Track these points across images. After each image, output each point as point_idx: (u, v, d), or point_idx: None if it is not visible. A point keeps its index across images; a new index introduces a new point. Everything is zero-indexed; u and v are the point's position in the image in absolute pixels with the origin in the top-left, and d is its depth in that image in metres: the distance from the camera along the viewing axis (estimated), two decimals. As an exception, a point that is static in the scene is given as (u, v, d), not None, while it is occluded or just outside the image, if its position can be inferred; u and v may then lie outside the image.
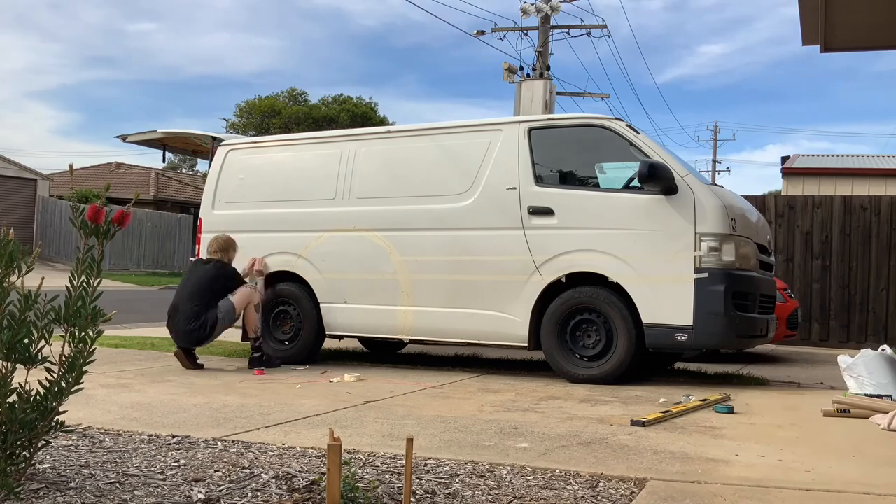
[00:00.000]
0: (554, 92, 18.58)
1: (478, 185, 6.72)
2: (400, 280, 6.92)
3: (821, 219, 11.59)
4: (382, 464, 3.40)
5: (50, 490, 2.83)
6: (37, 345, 2.68)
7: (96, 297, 2.75)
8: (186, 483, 3.00)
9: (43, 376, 2.70)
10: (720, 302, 5.90)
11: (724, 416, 4.92)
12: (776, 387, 6.52)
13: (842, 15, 5.89)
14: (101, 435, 3.85)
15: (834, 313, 11.46)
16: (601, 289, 6.23)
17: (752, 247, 6.37)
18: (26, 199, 29.67)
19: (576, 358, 6.32)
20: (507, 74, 20.01)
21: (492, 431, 4.18)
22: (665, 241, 6.06)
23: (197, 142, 11.47)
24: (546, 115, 8.84)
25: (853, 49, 7.18)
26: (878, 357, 5.55)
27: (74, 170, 3.37)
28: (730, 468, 3.50)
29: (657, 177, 6.01)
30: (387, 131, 7.62)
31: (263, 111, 40.54)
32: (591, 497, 2.98)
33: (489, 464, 3.44)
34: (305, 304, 7.29)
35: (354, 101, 42.60)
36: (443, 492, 2.99)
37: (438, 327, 6.80)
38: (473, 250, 6.67)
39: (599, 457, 3.65)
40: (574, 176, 6.80)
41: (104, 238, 2.78)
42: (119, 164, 43.00)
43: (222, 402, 4.98)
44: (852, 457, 3.84)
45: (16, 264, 2.63)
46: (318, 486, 2.96)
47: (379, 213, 7.07)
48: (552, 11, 21.69)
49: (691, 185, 6.12)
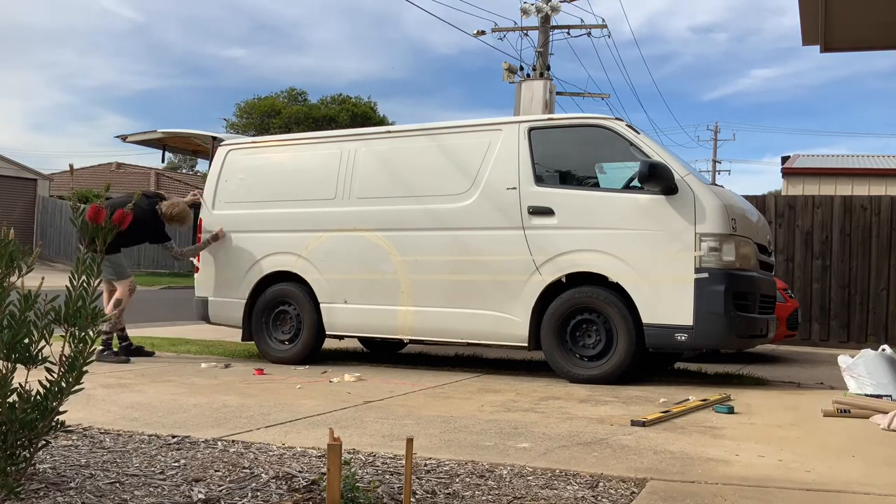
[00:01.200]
0: (554, 92, 18.56)
1: (478, 185, 6.72)
2: (400, 280, 6.92)
3: (821, 219, 11.59)
4: (382, 464, 3.40)
5: (50, 490, 2.83)
6: (37, 345, 2.68)
7: (96, 298, 2.75)
8: (186, 483, 3.00)
9: (43, 376, 2.70)
10: (720, 302, 5.90)
11: (724, 416, 4.92)
12: (776, 387, 6.52)
13: (842, 15, 5.88)
14: (101, 435, 3.85)
15: (834, 313, 11.46)
16: (601, 289, 6.23)
17: (753, 247, 6.37)
18: (26, 199, 29.67)
19: (576, 358, 6.32)
20: (507, 74, 20.01)
21: (492, 431, 4.18)
22: (665, 241, 6.06)
23: (197, 142, 11.49)
24: (546, 115, 8.85)
25: (853, 49, 7.17)
26: (878, 357, 5.55)
27: (75, 170, 3.37)
28: (730, 468, 3.50)
29: (657, 177, 6.01)
30: (387, 131, 7.62)
31: (263, 111, 40.51)
32: (591, 497, 2.98)
33: (489, 464, 3.44)
34: (305, 304, 7.29)
35: (354, 101, 42.58)
36: (443, 492, 2.99)
37: (438, 327, 6.80)
38: (473, 250, 6.67)
39: (599, 457, 3.65)
40: (574, 176, 6.80)
41: (104, 238, 2.78)
42: (119, 164, 43.00)
43: (222, 402, 4.98)
44: (852, 457, 3.84)
45: (16, 264, 2.63)
46: (319, 486, 2.96)
47: (379, 213, 7.07)
48: (552, 11, 21.70)
49: (691, 185, 6.12)
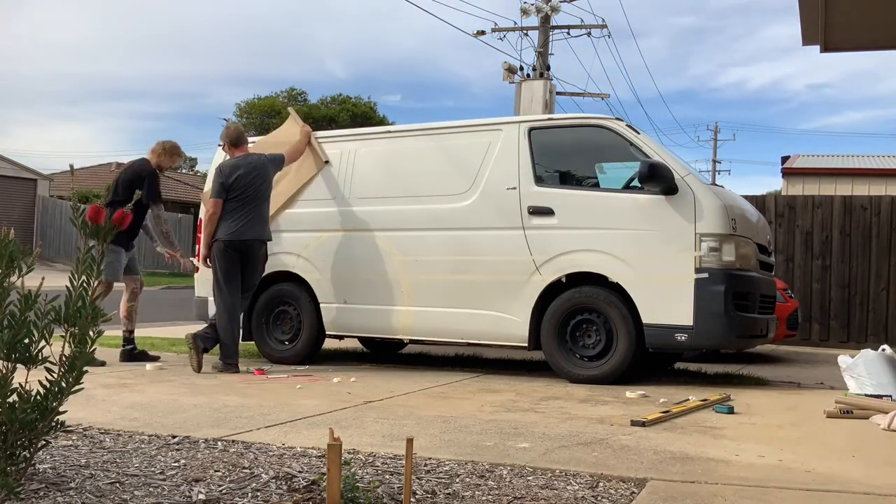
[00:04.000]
0: (554, 92, 18.59)
1: (478, 185, 6.72)
2: (400, 280, 6.92)
3: (821, 219, 11.59)
4: (382, 464, 3.40)
5: (50, 490, 2.83)
6: (37, 345, 2.67)
7: (96, 298, 2.75)
8: (186, 483, 3.00)
9: (43, 376, 2.70)
10: (720, 302, 5.90)
11: (724, 416, 4.92)
12: (776, 387, 6.52)
13: (842, 15, 5.88)
14: (101, 435, 3.85)
15: (834, 313, 11.46)
16: (601, 289, 6.23)
17: (752, 247, 6.37)
18: (26, 199, 29.67)
19: (576, 358, 6.32)
20: (507, 74, 20.02)
21: (492, 431, 4.18)
22: (665, 242, 6.06)
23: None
24: (546, 115, 8.86)
25: (853, 49, 7.16)
26: (878, 357, 5.56)
27: (75, 170, 3.38)
28: (730, 468, 3.50)
29: (657, 177, 6.01)
30: (387, 131, 7.62)
31: (263, 111, 40.51)
32: (591, 497, 2.98)
33: (489, 464, 3.44)
34: (305, 304, 7.29)
35: (354, 101, 42.58)
36: (443, 492, 2.99)
37: (438, 327, 6.80)
38: (473, 250, 6.67)
39: (599, 457, 3.65)
40: (574, 176, 6.80)
41: (104, 238, 2.78)
42: (119, 165, 42.97)
43: (222, 402, 4.98)
44: (852, 457, 3.84)
45: (16, 264, 2.62)
46: (319, 486, 2.95)
47: (379, 213, 7.07)
48: (552, 11, 21.71)
49: (691, 185, 6.11)
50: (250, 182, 6.72)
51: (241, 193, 6.69)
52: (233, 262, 6.73)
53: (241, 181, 6.69)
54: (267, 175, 6.88)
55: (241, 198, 6.69)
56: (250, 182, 6.72)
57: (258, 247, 6.83)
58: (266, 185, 6.85)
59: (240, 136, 7.03)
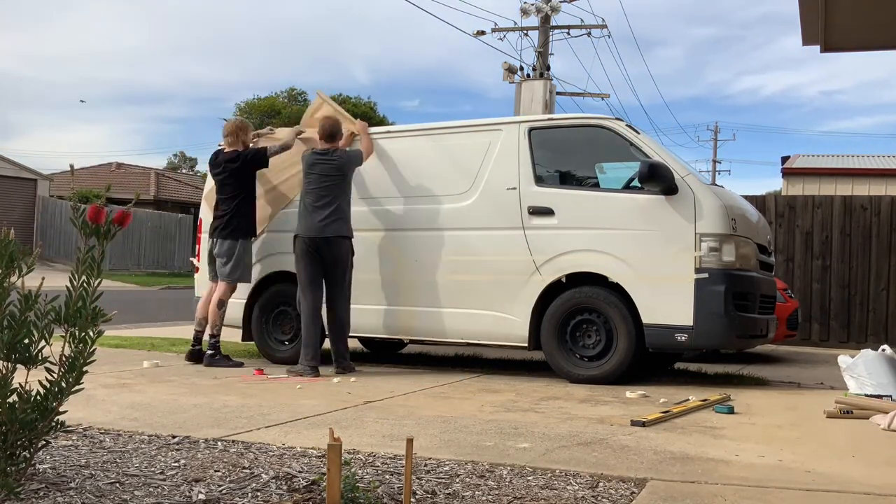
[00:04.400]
0: (554, 92, 18.60)
1: (478, 185, 6.72)
2: (400, 280, 6.92)
3: (821, 219, 11.58)
4: (382, 464, 3.40)
5: (50, 490, 2.83)
6: (37, 345, 2.67)
7: (97, 298, 2.75)
8: (186, 483, 3.00)
9: (43, 376, 2.70)
10: (720, 302, 5.90)
11: (724, 416, 4.92)
12: (776, 387, 6.52)
13: (842, 15, 5.88)
14: (101, 435, 3.85)
15: (834, 313, 11.46)
16: (601, 289, 6.23)
17: (753, 247, 6.37)
18: (26, 199, 29.66)
19: (576, 358, 6.32)
20: (507, 74, 20.02)
21: (492, 431, 4.18)
22: (665, 242, 6.06)
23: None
24: (546, 115, 8.86)
25: (853, 49, 7.16)
26: (878, 357, 5.55)
27: (75, 170, 3.38)
28: (730, 468, 3.50)
29: (657, 177, 6.01)
30: (387, 131, 7.61)
31: (263, 111, 40.49)
32: (592, 497, 2.98)
33: (489, 464, 3.44)
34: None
35: (354, 101, 42.56)
36: (443, 492, 2.99)
37: (438, 327, 6.80)
38: (473, 250, 6.67)
39: (600, 457, 3.65)
40: (574, 176, 6.80)
41: (104, 238, 2.78)
42: (119, 165, 43.02)
43: (222, 402, 4.98)
44: (852, 457, 3.84)
45: (16, 264, 2.62)
46: (319, 486, 2.96)
47: (379, 213, 7.07)
48: (552, 11, 21.70)
49: (691, 185, 6.12)
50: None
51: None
52: (314, 261, 6.64)
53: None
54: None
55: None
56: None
57: (339, 243, 6.68)
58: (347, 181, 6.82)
59: (335, 128, 6.86)
